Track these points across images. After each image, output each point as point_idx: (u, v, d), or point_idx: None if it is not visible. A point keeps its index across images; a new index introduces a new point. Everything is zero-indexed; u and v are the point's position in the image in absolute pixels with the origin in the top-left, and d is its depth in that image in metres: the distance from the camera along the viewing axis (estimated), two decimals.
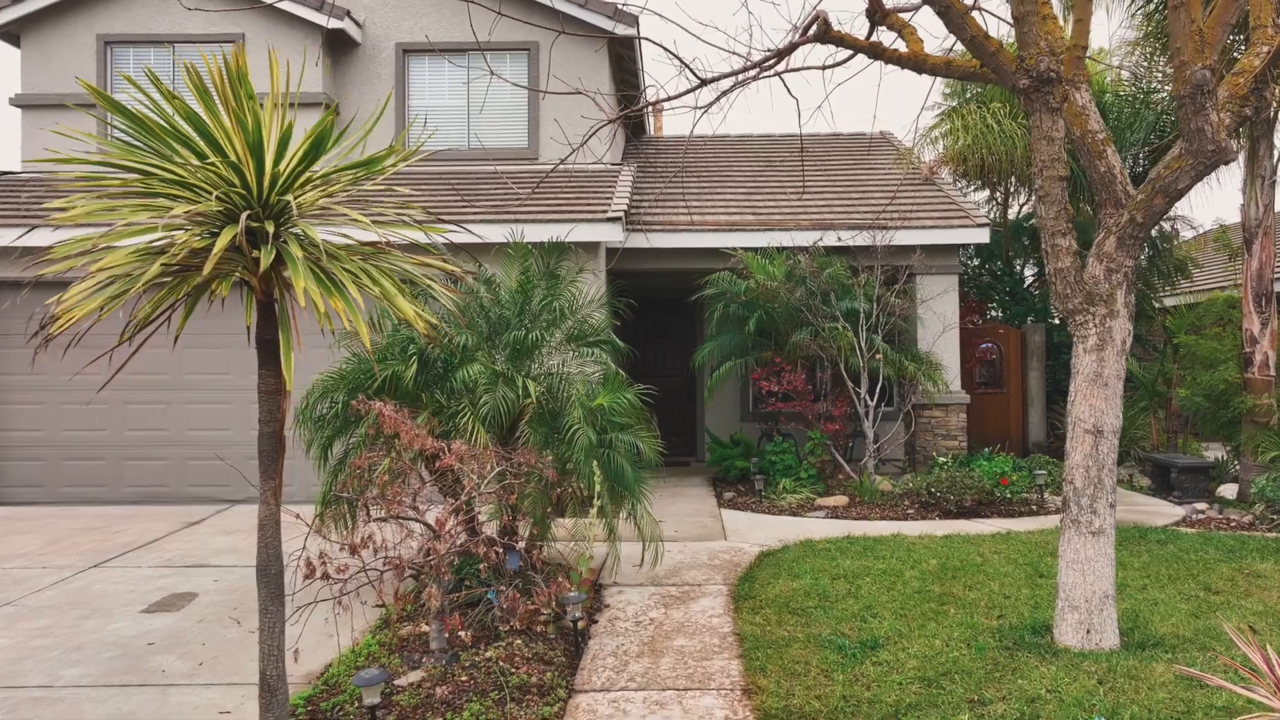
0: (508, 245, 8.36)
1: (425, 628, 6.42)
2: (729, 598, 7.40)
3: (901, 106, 54.98)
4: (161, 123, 3.69)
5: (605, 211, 10.89)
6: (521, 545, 7.82)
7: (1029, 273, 18.22)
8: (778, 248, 11.95)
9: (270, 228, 3.67)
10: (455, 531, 6.03)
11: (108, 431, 11.18)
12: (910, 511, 10.54)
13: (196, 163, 3.62)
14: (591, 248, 11.08)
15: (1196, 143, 5.24)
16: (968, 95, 15.26)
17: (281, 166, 3.93)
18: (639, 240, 12.36)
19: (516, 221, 10.04)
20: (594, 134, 7.74)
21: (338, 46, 13.31)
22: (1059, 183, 5.68)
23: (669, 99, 7.33)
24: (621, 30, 12.66)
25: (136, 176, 3.59)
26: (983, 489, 10.52)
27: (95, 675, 5.80)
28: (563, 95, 12.84)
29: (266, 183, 3.89)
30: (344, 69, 13.41)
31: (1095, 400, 5.87)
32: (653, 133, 18.83)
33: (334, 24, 12.76)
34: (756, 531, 9.70)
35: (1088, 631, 5.84)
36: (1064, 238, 5.74)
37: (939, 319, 12.52)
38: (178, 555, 8.80)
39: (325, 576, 5.31)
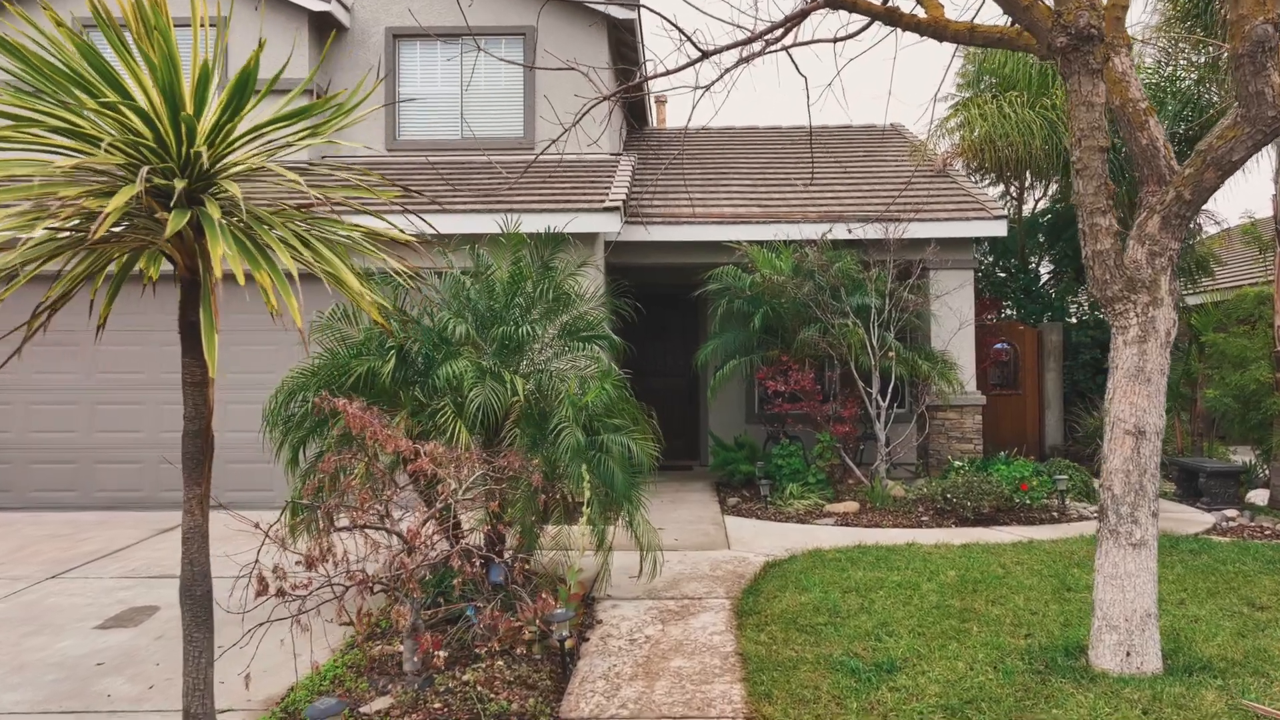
0: (500, 235, 7.80)
1: (399, 647, 5.87)
2: (732, 613, 6.83)
3: (913, 99, 54.40)
4: (56, 62, 3.11)
5: (603, 201, 10.34)
6: (507, 555, 7.29)
7: (1044, 270, 17.64)
8: (784, 241, 11.39)
9: (181, 185, 3.10)
10: (430, 542, 5.47)
11: (78, 433, 10.63)
12: (925, 519, 9.96)
13: (94, 107, 3.05)
14: (588, 239, 10.53)
15: (1255, 108, 4.67)
16: (982, 85, 14.67)
17: (204, 119, 3.36)
18: (638, 233, 11.80)
19: (510, 210, 9.47)
20: (588, 111, 7.20)
21: (325, 31, 12.77)
22: (1099, 154, 5.11)
23: (668, 72, 6.80)
24: (619, 13, 12.11)
25: (9, 125, 3.02)
26: (1001, 495, 9.94)
27: (32, 701, 5.26)
28: (560, 83, 12.34)
29: (193, 134, 3.32)
30: (331, 55, 12.87)
31: (1136, 398, 5.30)
32: (655, 124, 18.27)
33: (320, 6, 12.22)
34: (762, 540, 9.14)
35: (1127, 654, 5.27)
36: (1103, 216, 5.18)
37: (954, 315, 11.94)
38: (144, 565, 8.25)
39: (280, 593, 4.76)
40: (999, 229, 12.08)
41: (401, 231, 4.15)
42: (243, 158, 3.55)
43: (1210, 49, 11.57)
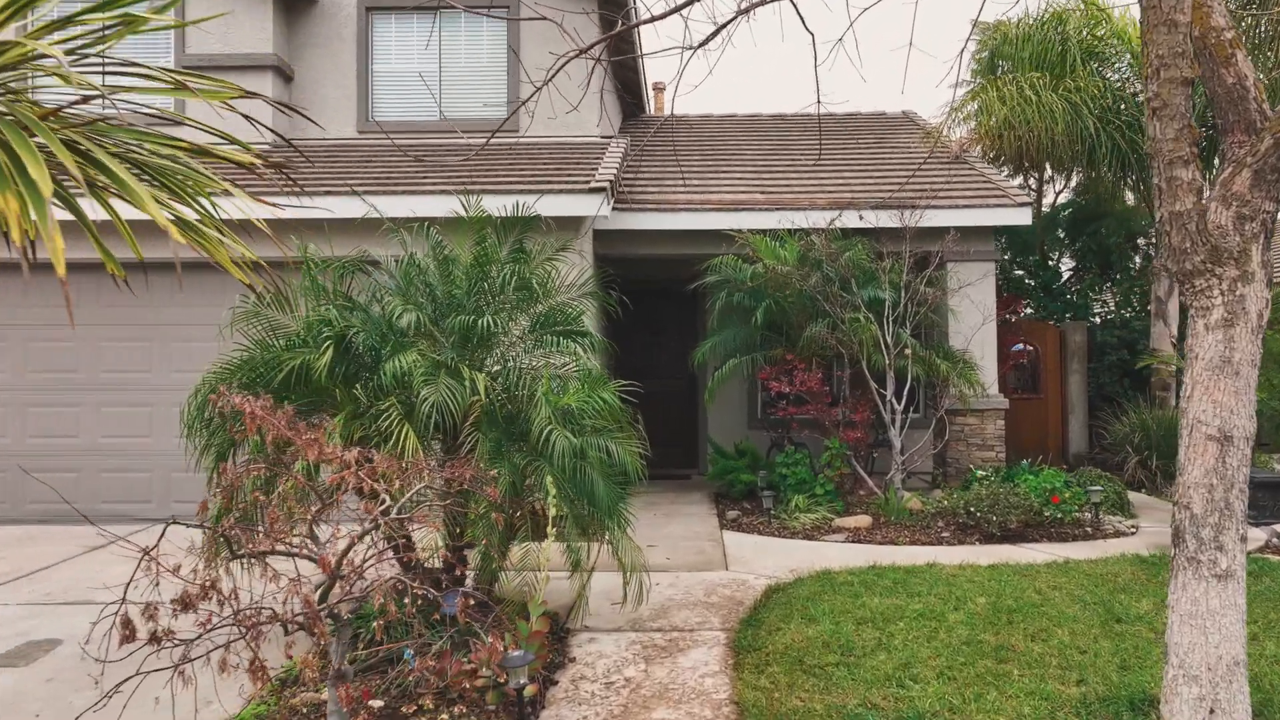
0: (466, 217, 6.81)
1: (325, 695, 4.89)
2: (727, 648, 5.85)
3: (926, 89, 53.47)
4: None
5: (588, 182, 9.35)
6: (470, 579, 6.32)
7: (1065, 267, 16.66)
8: (789, 230, 10.41)
9: None
10: (358, 570, 4.49)
11: (8, 439, 9.65)
12: (945, 535, 8.96)
13: None
14: (573, 225, 9.56)
15: None
16: (999, 70, 13.67)
17: None
18: (631, 220, 10.84)
19: (483, 192, 8.48)
20: (564, 64, 6.22)
21: (293, 4, 11.83)
22: (1181, 89, 4.13)
23: (655, 18, 5.83)
24: None
25: None
26: (1030, 508, 8.94)
27: None
28: (547, 62, 11.37)
29: None
30: (300, 29, 11.93)
31: (1221, 394, 4.30)
32: (653, 111, 17.31)
33: None
34: (764, 559, 8.15)
35: (1211, 711, 4.26)
36: (1185, 168, 4.20)
37: (976, 310, 10.96)
38: (60, 588, 7.27)
39: (155, 640, 3.79)
40: (1022, 217, 11.10)
41: (255, 161, 3.17)
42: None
43: None
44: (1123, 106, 13.09)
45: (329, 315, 5.82)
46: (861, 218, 10.40)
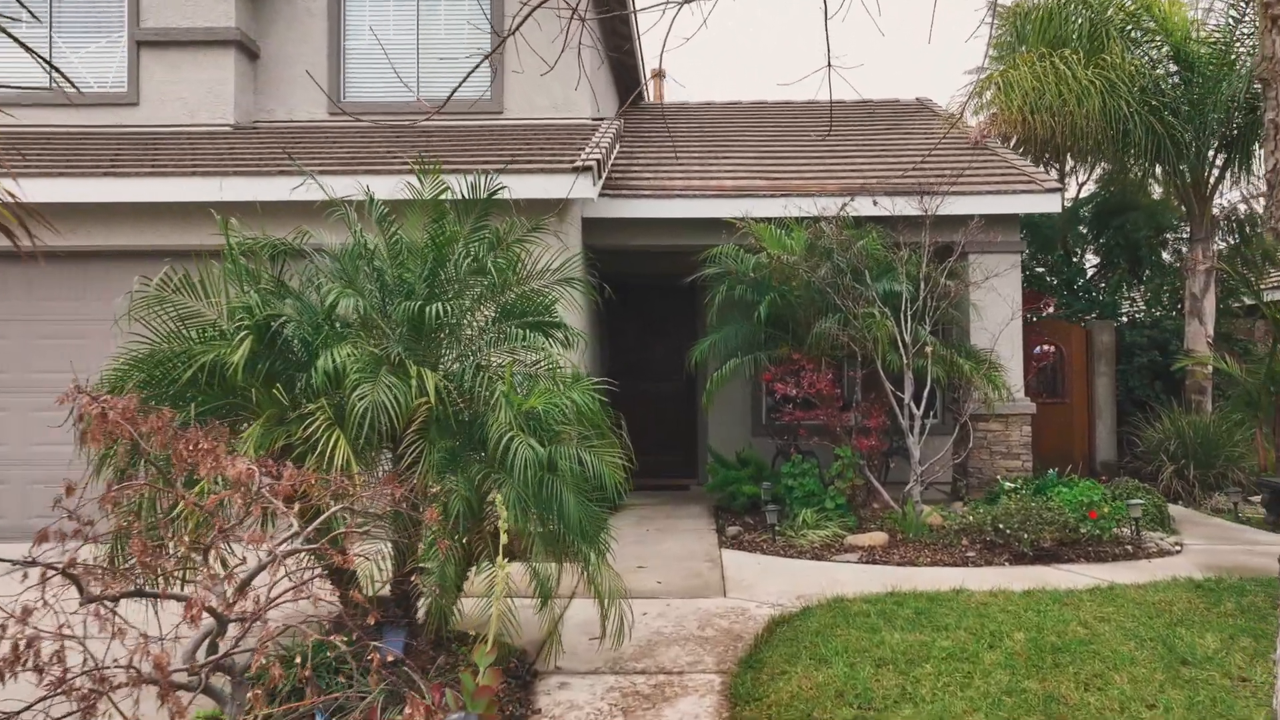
0: (425, 200, 5.87)
1: None
2: (722, 697, 4.94)
3: (940, 79, 52.60)
4: None
5: (572, 161, 8.42)
6: (421, 611, 5.39)
7: (1088, 264, 15.71)
8: (796, 218, 9.48)
9: None
10: (262, 609, 3.57)
11: None
12: (971, 554, 8.02)
13: None
14: (558, 209, 8.64)
15: None
16: (1025, 45, 12.73)
17: None
18: (624, 208, 9.95)
19: (452, 171, 7.56)
20: (535, 8, 5.31)
21: None
22: None
23: None
24: None
25: None
26: (1065, 524, 8.00)
27: None
28: (532, 32, 10.46)
29: None
30: (267, 3, 11.03)
31: None
32: (652, 98, 16.40)
33: None
34: (768, 582, 7.22)
35: None
36: None
37: (1002, 305, 10.02)
38: None
39: None
40: (1051, 204, 10.19)
41: None
42: None
43: None
44: (1161, 86, 12.16)
45: (249, 301, 4.91)
46: (876, 203, 9.48)
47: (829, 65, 5.87)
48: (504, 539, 4.04)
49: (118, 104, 10.57)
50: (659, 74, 16.51)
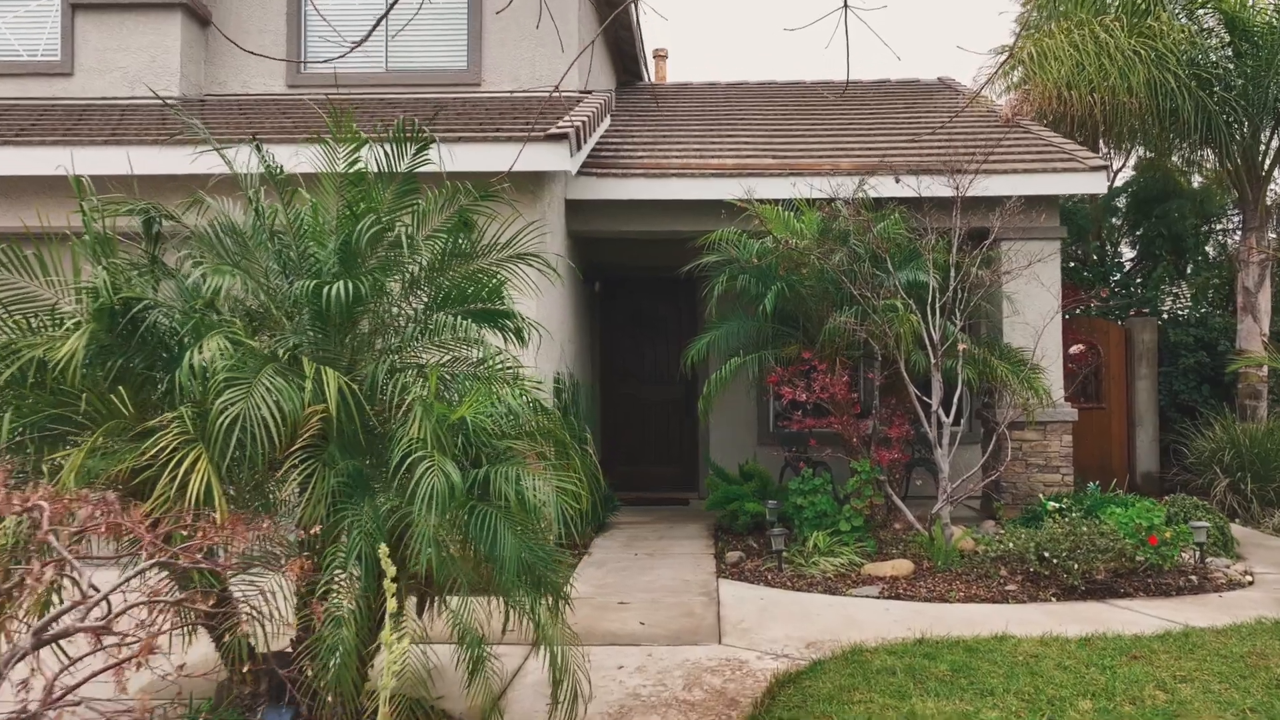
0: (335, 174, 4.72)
1: None
2: None
3: (965, 61, 51.38)
4: None
5: (546, 129, 7.26)
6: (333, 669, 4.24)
7: (1124, 255, 14.49)
8: (807, 200, 8.32)
9: None
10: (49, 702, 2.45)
11: None
12: (1011, 588, 6.85)
13: None
14: (531, 187, 7.50)
15: None
16: (1061, 12, 11.52)
17: None
18: (613, 188, 8.84)
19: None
20: None
21: None
22: None
23: None
24: None
25: None
26: (1120, 552, 6.83)
27: None
28: (508, 11, 9.36)
29: None
30: None
31: None
32: (653, 79, 15.23)
33: None
34: (771, 624, 6.06)
35: None
36: None
37: (1041, 297, 8.85)
38: None
39: None
40: (1096, 184, 9.09)
41: None
42: None
43: None
44: (1212, 59, 10.97)
45: (97, 281, 3.78)
46: (899, 180, 8.31)
47: (845, 6, 4.72)
48: (391, 604, 2.90)
49: (50, 74, 9.48)
50: (661, 55, 15.37)
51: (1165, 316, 13.19)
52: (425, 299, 4.53)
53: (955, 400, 7.80)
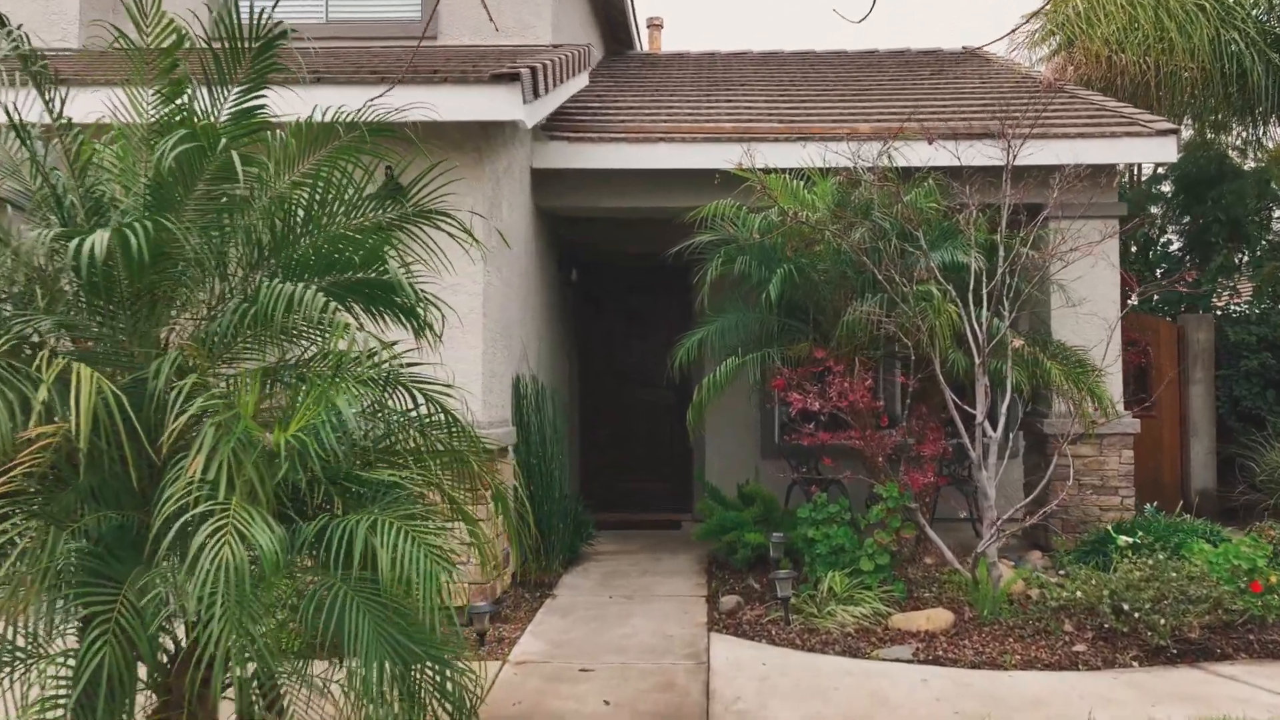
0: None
1: None
2: None
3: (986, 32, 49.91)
4: None
5: (488, 71, 5.79)
6: None
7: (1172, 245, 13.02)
8: (820, 170, 6.90)
9: None
10: None
11: None
12: (1080, 648, 5.40)
13: None
14: (473, 143, 6.07)
15: None
16: None
17: None
18: (589, 155, 7.47)
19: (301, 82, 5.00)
20: None
21: None
22: None
23: None
24: None
25: None
26: (1217, 602, 5.40)
27: None
28: None
29: None
30: None
31: None
32: (646, 48, 13.78)
33: None
34: (775, 705, 4.62)
35: None
36: None
37: (1100, 285, 7.44)
38: None
39: None
40: (1164, 151, 7.65)
41: None
42: None
43: None
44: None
45: None
46: (933, 143, 6.87)
47: None
48: None
49: None
50: (656, 24, 13.95)
51: (1219, 313, 11.73)
52: (274, 259, 3.13)
53: (1004, 410, 6.36)
